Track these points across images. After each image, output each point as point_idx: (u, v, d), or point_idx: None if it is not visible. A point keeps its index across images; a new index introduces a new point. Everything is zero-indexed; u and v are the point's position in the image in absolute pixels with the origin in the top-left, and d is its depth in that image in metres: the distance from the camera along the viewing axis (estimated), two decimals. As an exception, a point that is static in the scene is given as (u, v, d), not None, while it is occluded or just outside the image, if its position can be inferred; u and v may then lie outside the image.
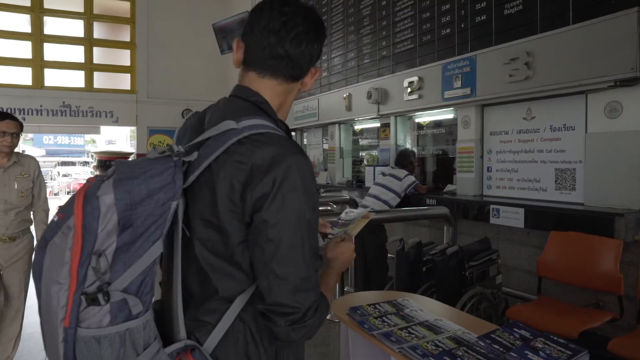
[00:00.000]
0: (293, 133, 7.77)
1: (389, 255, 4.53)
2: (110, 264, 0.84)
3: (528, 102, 3.90)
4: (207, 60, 10.06)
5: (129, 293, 0.86)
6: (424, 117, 5.24)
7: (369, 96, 5.32)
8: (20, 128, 3.03)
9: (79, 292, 0.84)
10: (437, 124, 5.13)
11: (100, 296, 0.84)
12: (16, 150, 3.11)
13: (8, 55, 9.48)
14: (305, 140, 7.73)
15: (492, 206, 3.79)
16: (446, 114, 4.91)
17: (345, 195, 5.45)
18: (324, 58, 6.53)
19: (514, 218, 3.61)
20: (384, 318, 1.67)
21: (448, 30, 4.47)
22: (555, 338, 1.44)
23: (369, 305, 1.81)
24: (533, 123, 3.89)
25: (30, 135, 22.14)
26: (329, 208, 4.44)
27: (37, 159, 3.30)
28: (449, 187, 4.64)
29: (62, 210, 0.87)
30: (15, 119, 3.01)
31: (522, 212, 3.55)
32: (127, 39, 10.18)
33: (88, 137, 23.95)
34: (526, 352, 1.37)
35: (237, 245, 0.95)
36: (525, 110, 3.94)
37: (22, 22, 9.58)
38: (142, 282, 0.88)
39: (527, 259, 3.74)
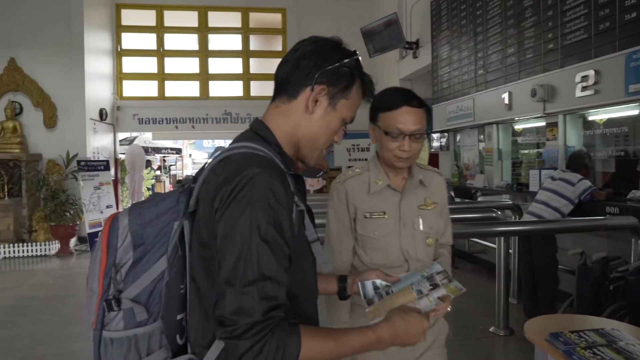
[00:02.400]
0: (446, 134, 7.53)
1: (562, 267, 4.14)
2: (124, 276, 0.97)
3: None
4: (356, 64, 10.24)
5: (139, 302, 0.97)
6: (600, 115, 4.70)
7: (534, 94, 4.92)
8: (427, 119, 1.61)
9: (103, 299, 0.97)
10: (616, 122, 4.56)
11: (113, 303, 0.96)
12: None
13: (180, 71, 10.64)
14: (458, 141, 7.44)
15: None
16: (628, 110, 4.34)
17: (507, 200, 5.12)
18: (479, 55, 6.22)
19: None
20: (595, 350, 1.49)
21: (634, 15, 3.93)
22: None
23: (572, 332, 1.63)
24: None
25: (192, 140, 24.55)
26: (493, 214, 4.19)
27: (202, 162, 2.36)
28: (634, 193, 4.09)
29: (100, 232, 1.03)
30: (422, 104, 1.57)
31: None
32: (280, 48, 10.79)
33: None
34: None
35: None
36: None
37: (190, 41, 10.68)
38: (152, 293, 0.98)
39: None
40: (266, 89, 10.71)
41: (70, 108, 8.59)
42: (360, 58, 1.12)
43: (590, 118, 4.84)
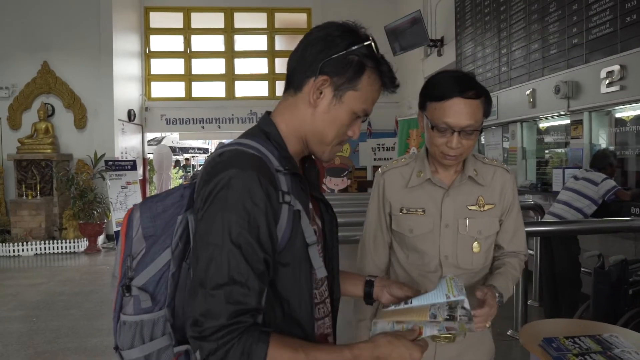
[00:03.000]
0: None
1: (584, 269, 4.00)
2: (135, 265, 1.02)
3: None
4: (379, 63, 10.18)
5: (146, 291, 1.01)
6: (627, 112, 4.51)
7: (557, 90, 4.76)
8: (487, 109, 1.37)
9: (120, 284, 1.03)
10: (645, 119, 4.38)
11: (125, 289, 1.02)
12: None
13: (206, 72, 10.79)
14: (482, 140, 7.28)
15: None
16: (657, 107, 4.15)
17: (529, 200, 4.98)
18: (502, 52, 6.07)
19: None
20: (587, 357, 1.42)
21: (660, 7, 3.76)
22: None
23: (567, 338, 1.56)
24: None
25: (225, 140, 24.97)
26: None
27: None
28: (662, 194, 3.91)
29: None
30: (480, 94, 1.33)
31: None
32: (305, 48, 10.81)
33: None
34: None
35: None
36: None
37: (216, 42, 10.81)
38: (158, 282, 1.01)
39: None
40: (291, 88, 10.77)
41: (99, 109, 8.83)
42: (373, 45, 1.04)
43: (617, 115, 4.65)
